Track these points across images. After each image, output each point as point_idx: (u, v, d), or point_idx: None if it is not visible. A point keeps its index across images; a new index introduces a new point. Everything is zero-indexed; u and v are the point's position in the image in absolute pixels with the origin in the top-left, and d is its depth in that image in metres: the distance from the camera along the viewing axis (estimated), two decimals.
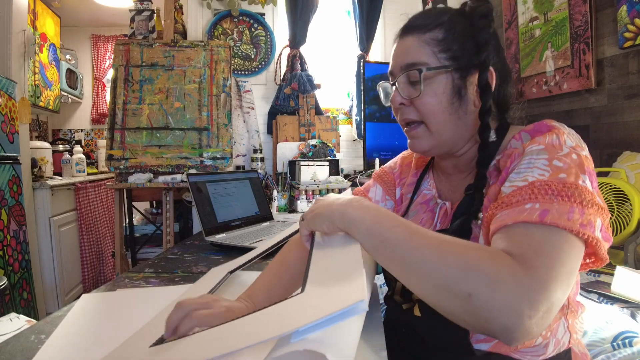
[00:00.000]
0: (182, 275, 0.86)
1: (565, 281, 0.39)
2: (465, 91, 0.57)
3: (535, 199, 0.44)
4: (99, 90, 3.52)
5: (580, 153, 0.48)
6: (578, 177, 0.45)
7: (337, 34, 2.70)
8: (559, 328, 0.55)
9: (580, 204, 0.43)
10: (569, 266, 0.40)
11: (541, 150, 0.49)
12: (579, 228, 0.42)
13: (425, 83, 0.57)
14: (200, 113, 1.96)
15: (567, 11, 1.99)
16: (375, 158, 2.18)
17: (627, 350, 0.80)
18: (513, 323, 0.36)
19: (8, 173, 1.75)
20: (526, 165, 0.48)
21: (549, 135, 0.50)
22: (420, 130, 0.60)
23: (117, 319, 0.62)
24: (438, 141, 0.60)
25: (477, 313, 0.37)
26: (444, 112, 0.57)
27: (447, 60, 0.57)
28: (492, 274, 0.38)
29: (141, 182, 1.79)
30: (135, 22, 2.17)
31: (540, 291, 0.37)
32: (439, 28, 0.58)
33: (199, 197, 1.19)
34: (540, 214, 0.42)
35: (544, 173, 0.46)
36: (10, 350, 0.52)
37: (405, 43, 0.60)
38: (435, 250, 0.40)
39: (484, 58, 0.55)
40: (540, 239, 0.41)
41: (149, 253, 2.17)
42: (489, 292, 0.37)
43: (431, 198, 0.67)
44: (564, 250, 0.41)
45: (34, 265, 1.99)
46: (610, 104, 1.81)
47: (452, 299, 0.39)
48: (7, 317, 1.17)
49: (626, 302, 1.05)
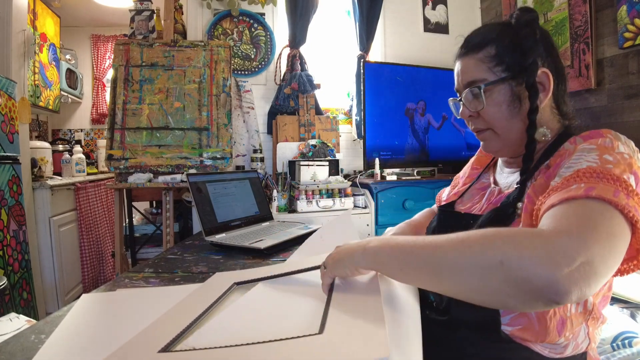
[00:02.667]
0: (182, 275, 0.86)
1: (605, 242, 0.39)
2: (524, 95, 0.63)
3: (581, 180, 0.46)
4: (99, 90, 3.52)
5: (633, 157, 0.50)
6: (624, 172, 0.47)
7: (337, 34, 2.70)
8: (580, 332, 0.56)
9: (625, 190, 0.44)
10: (610, 230, 0.40)
11: (592, 148, 0.51)
12: (626, 205, 0.42)
13: (487, 95, 0.64)
14: (200, 113, 1.96)
15: (567, 11, 1.99)
16: (375, 158, 2.18)
17: (627, 350, 0.80)
18: (552, 273, 0.36)
19: (8, 173, 1.75)
20: (576, 160, 0.51)
21: (602, 138, 0.53)
22: (487, 133, 0.68)
23: (117, 319, 0.62)
24: (505, 142, 0.66)
25: (514, 276, 0.37)
26: (506, 118, 0.64)
27: (502, 72, 0.63)
28: (518, 237, 0.39)
29: (141, 182, 1.79)
30: (135, 22, 2.17)
31: (573, 241, 0.38)
32: (490, 45, 0.64)
33: (199, 197, 1.19)
34: (586, 189, 0.44)
35: (591, 164, 0.48)
36: (10, 350, 0.51)
37: (464, 63, 0.68)
38: (459, 245, 0.42)
39: (530, 63, 0.60)
40: (584, 210, 0.42)
41: (149, 253, 2.17)
42: (518, 253, 0.38)
43: (487, 185, 0.75)
44: (605, 217, 0.41)
45: (34, 265, 1.99)
46: (610, 104, 1.81)
47: (487, 275, 0.39)
48: (7, 317, 1.17)
49: (626, 302, 1.06)
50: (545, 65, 0.63)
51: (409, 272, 0.46)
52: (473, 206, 0.73)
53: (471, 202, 0.75)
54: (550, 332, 0.52)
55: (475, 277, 0.40)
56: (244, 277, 0.75)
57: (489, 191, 0.72)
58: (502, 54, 0.63)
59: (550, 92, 0.62)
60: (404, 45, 2.64)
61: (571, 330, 0.54)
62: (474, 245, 0.41)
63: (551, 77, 0.62)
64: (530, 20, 0.63)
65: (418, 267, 0.45)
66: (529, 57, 0.60)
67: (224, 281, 0.75)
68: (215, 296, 0.67)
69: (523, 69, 0.61)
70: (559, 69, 0.65)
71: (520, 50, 0.62)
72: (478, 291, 0.41)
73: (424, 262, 0.44)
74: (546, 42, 0.64)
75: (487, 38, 0.64)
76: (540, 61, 0.62)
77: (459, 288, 0.42)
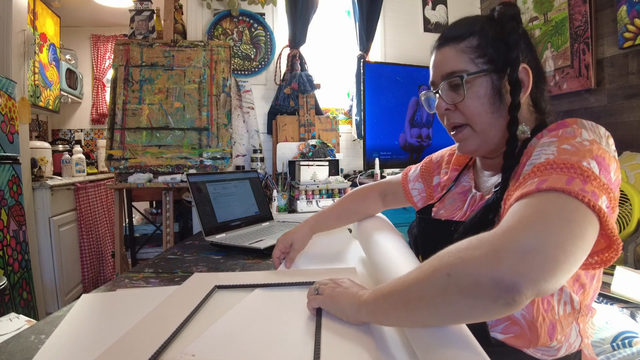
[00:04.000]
0: (182, 275, 0.86)
1: (559, 228, 0.37)
2: (504, 90, 0.61)
3: (535, 175, 0.45)
4: (99, 90, 3.52)
5: (595, 142, 0.48)
6: (583, 158, 0.44)
7: (337, 34, 2.70)
8: (571, 332, 0.55)
9: (581, 176, 0.42)
10: (564, 216, 0.38)
11: (552, 141, 0.50)
12: (579, 191, 0.40)
13: (467, 87, 0.61)
14: (200, 113, 1.96)
15: (567, 11, 1.99)
16: (375, 158, 2.18)
17: (627, 350, 0.80)
18: (494, 268, 0.35)
19: (8, 173, 1.75)
20: (536, 155, 0.50)
21: (564, 129, 0.52)
22: (466, 132, 0.65)
23: (117, 319, 0.62)
24: (483, 140, 0.64)
25: (463, 284, 0.36)
26: (487, 113, 0.62)
27: (484, 64, 0.61)
28: (463, 245, 0.39)
29: (141, 182, 1.79)
30: (135, 22, 2.17)
31: (517, 233, 0.36)
32: (473, 36, 0.62)
33: (199, 197, 1.19)
34: (538, 183, 0.42)
35: (549, 156, 0.47)
36: (10, 350, 0.51)
37: (443, 54, 0.65)
38: (418, 273, 0.42)
39: (514, 57, 0.59)
40: (534, 203, 0.40)
41: (148, 253, 2.17)
42: (460, 260, 0.37)
43: (468, 189, 0.73)
44: (556, 204, 0.39)
45: (34, 265, 1.99)
46: (610, 104, 1.81)
47: (443, 293, 0.38)
48: (7, 317, 1.17)
49: (626, 302, 1.06)
50: (526, 62, 0.61)
51: (394, 318, 0.46)
52: (455, 212, 0.72)
53: (453, 207, 0.73)
54: (542, 337, 0.52)
55: (437, 298, 0.39)
56: (224, 280, 0.75)
57: (470, 196, 0.70)
58: (485, 46, 0.61)
59: (529, 88, 0.61)
60: (404, 45, 2.64)
61: (562, 332, 0.54)
62: (427, 268, 0.40)
63: (531, 73, 0.61)
64: (514, 15, 0.62)
65: (397, 310, 0.44)
66: (513, 51, 0.59)
67: (204, 283, 0.74)
68: (197, 300, 0.66)
69: (506, 63, 0.60)
70: (538, 67, 0.64)
71: (503, 43, 0.60)
72: (446, 313, 0.39)
73: (400, 302, 0.43)
74: (526, 38, 0.63)
75: (470, 29, 0.63)
76: (521, 57, 0.60)
77: (431, 316, 0.41)
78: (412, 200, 0.90)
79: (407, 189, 0.91)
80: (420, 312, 0.41)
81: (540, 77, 0.65)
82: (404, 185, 0.91)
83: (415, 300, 0.41)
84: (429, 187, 0.87)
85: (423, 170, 0.89)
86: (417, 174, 0.90)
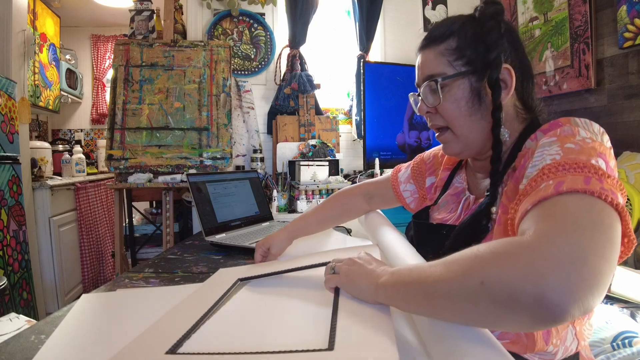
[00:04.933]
0: (182, 275, 0.86)
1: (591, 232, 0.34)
2: (484, 92, 0.60)
3: (548, 177, 0.43)
4: (99, 90, 3.52)
5: (595, 140, 0.47)
6: (591, 157, 0.43)
7: (337, 34, 2.70)
8: (567, 336, 0.55)
9: (596, 175, 0.41)
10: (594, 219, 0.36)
11: (553, 141, 0.49)
12: (601, 191, 0.38)
13: (444, 91, 0.61)
14: (200, 113, 1.96)
15: (567, 11, 1.99)
16: (375, 158, 2.18)
17: (627, 350, 0.80)
18: (536, 286, 0.31)
19: (8, 173, 1.75)
20: (539, 157, 0.48)
21: (561, 128, 0.50)
22: (447, 135, 0.64)
23: (117, 319, 0.62)
24: (465, 144, 0.63)
25: (498, 295, 0.33)
26: (465, 116, 0.61)
27: (462, 66, 0.60)
28: (497, 250, 0.36)
29: (141, 182, 1.79)
30: (135, 22, 2.17)
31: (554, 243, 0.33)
32: (451, 37, 0.61)
33: (199, 197, 1.19)
34: (555, 186, 0.41)
35: (555, 156, 0.46)
36: (10, 350, 0.51)
37: (424, 56, 0.64)
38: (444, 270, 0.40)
39: (493, 58, 0.57)
40: (558, 207, 0.39)
41: (148, 253, 2.17)
42: (497, 269, 0.34)
43: (462, 191, 0.72)
44: (583, 208, 0.37)
45: (34, 265, 1.99)
46: (610, 104, 1.81)
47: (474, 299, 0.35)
48: (7, 317, 1.17)
49: (626, 302, 1.06)
50: (509, 62, 0.59)
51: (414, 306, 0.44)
52: (448, 215, 0.70)
53: (447, 209, 0.72)
54: (538, 342, 0.51)
55: (466, 304, 0.36)
56: (248, 273, 0.75)
57: (463, 200, 0.69)
58: (464, 47, 0.60)
59: (512, 89, 0.59)
60: (404, 45, 2.64)
61: (557, 336, 0.53)
62: (457, 268, 0.38)
63: (513, 73, 0.59)
64: (494, 13, 0.59)
65: (418, 301, 0.42)
66: (492, 52, 0.57)
67: (227, 277, 0.75)
68: (220, 293, 0.67)
69: (485, 64, 0.58)
70: (524, 65, 0.62)
71: (483, 44, 0.58)
72: (473, 318, 0.37)
73: (422, 295, 0.41)
74: (511, 37, 0.61)
75: (449, 30, 0.61)
76: (503, 57, 0.58)
77: (455, 316, 0.39)
78: (404, 202, 0.88)
79: (398, 191, 0.88)
80: (444, 311, 0.40)
81: (527, 76, 0.63)
82: (395, 187, 0.89)
83: (441, 299, 0.39)
84: (422, 188, 0.85)
85: (414, 171, 0.87)
86: (409, 175, 0.87)
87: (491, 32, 0.58)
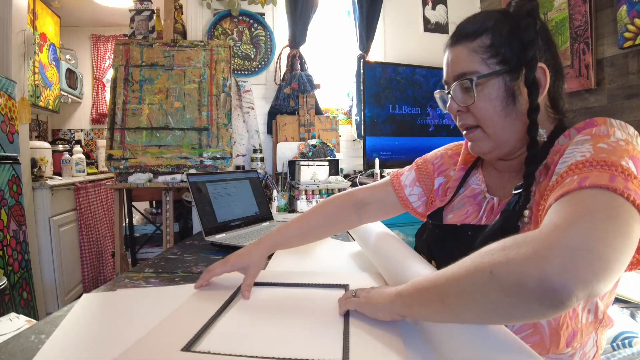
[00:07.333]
0: (182, 275, 0.86)
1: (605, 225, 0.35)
2: (519, 92, 0.58)
3: (574, 173, 0.43)
4: (99, 90, 3.52)
5: (631, 142, 0.47)
6: (621, 158, 0.43)
7: (337, 34, 2.70)
8: (589, 342, 0.54)
9: (622, 174, 0.40)
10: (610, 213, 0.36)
11: (586, 139, 0.48)
12: (624, 189, 0.38)
13: (478, 90, 0.58)
14: (200, 113, 1.96)
15: (567, 11, 1.99)
16: (375, 158, 2.18)
17: (627, 350, 0.80)
18: (540, 268, 0.33)
19: (8, 173, 1.75)
20: (570, 154, 0.48)
21: (597, 127, 0.50)
22: (477, 133, 0.62)
23: (117, 319, 0.62)
24: (497, 143, 0.61)
25: (506, 283, 0.35)
26: (499, 116, 0.59)
27: (497, 65, 0.58)
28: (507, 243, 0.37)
29: (141, 182, 1.79)
30: (135, 22, 2.17)
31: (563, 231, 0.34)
32: (485, 34, 0.59)
33: (199, 197, 1.19)
34: (579, 181, 0.41)
35: (585, 154, 0.45)
36: (10, 350, 0.51)
37: (455, 52, 0.62)
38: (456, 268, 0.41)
39: (530, 57, 0.55)
40: (577, 200, 0.39)
41: (148, 253, 2.17)
42: (505, 258, 0.35)
43: (480, 192, 0.69)
44: (601, 201, 0.37)
45: (34, 265, 1.99)
46: (610, 104, 1.81)
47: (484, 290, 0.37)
48: (7, 317, 1.17)
49: (626, 302, 1.06)
50: (543, 60, 0.57)
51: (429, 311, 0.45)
52: (466, 217, 0.68)
53: (463, 211, 0.69)
54: (561, 344, 0.51)
55: (477, 295, 0.37)
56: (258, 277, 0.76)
57: (485, 202, 0.66)
58: (499, 45, 0.57)
59: (546, 89, 0.58)
60: (404, 45, 2.64)
61: (580, 340, 0.52)
62: (469, 265, 0.39)
63: (548, 73, 0.57)
64: (531, 10, 0.57)
65: (433, 304, 0.43)
66: (529, 51, 0.55)
67: (236, 278, 0.76)
68: (229, 293, 0.68)
69: (521, 63, 0.56)
70: (557, 64, 0.60)
71: (519, 42, 0.56)
72: (485, 311, 0.38)
73: (437, 297, 0.42)
74: (545, 35, 0.59)
75: (483, 26, 0.58)
76: (538, 55, 0.56)
77: (469, 313, 0.40)
78: (409, 207, 0.83)
79: (402, 195, 0.82)
80: (458, 309, 0.40)
81: (559, 75, 0.61)
82: (398, 191, 0.83)
83: (454, 296, 0.40)
84: (430, 190, 0.80)
85: (419, 173, 0.82)
86: (414, 178, 0.82)
87: (528, 29, 0.56)
